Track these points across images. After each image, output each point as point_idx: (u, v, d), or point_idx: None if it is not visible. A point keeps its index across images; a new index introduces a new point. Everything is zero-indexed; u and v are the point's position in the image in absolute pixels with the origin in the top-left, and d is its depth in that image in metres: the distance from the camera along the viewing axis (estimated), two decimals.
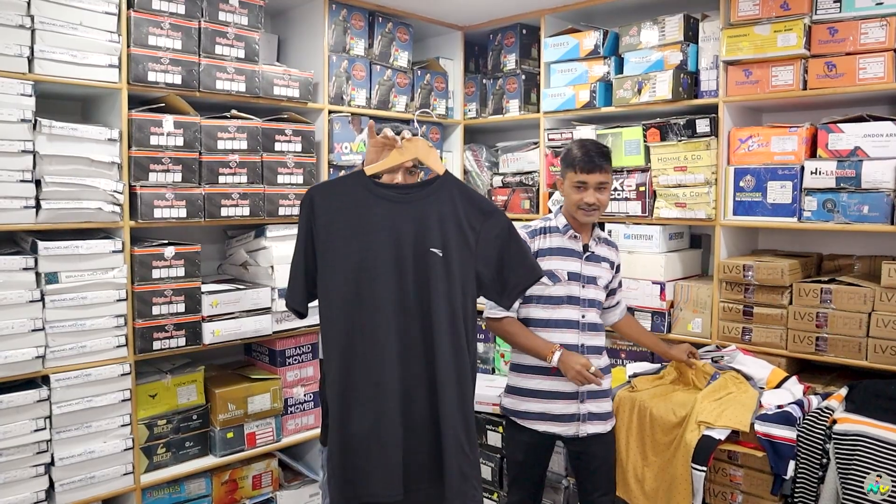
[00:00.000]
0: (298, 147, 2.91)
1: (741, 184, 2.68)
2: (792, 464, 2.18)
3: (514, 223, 1.93)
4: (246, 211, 2.75)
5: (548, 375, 2.24)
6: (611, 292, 2.43)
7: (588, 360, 2.16)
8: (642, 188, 2.94)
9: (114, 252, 2.41)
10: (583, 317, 2.27)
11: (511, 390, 2.34)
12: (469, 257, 1.83)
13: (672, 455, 2.31)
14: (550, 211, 2.44)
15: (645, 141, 2.93)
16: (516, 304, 2.25)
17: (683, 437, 2.28)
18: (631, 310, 2.94)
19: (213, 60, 2.64)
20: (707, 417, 2.27)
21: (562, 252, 2.27)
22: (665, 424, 2.35)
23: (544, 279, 2.18)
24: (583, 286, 2.27)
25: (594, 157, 2.21)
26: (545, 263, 2.22)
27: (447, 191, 1.83)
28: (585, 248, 2.30)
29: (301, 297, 1.86)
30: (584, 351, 2.25)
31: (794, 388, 2.43)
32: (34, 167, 2.24)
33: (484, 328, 2.46)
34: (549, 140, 3.29)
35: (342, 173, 2.65)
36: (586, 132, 3.14)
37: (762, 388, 2.47)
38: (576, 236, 2.29)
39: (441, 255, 1.79)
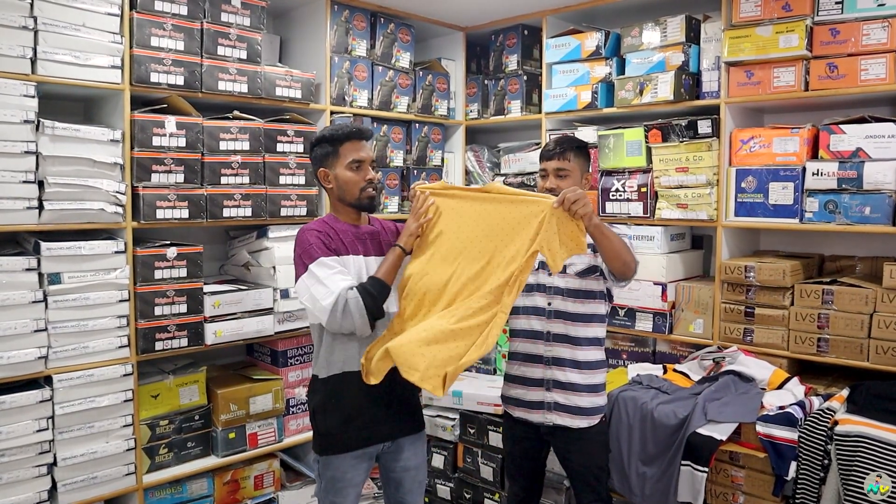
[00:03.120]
0: (300, 148, 2.91)
1: (743, 185, 2.68)
2: (793, 465, 2.18)
3: None
4: (248, 212, 2.76)
5: (520, 361, 2.29)
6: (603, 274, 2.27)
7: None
8: (644, 189, 2.94)
9: (116, 253, 2.42)
10: (549, 304, 2.26)
11: (504, 378, 2.39)
12: None
13: None
14: None
15: (646, 142, 2.93)
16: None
17: None
18: (632, 311, 2.95)
19: (216, 61, 2.65)
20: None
21: None
22: None
23: None
24: (549, 273, 2.27)
25: (549, 145, 2.29)
26: None
27: None
28: None
29: None
30: (550, 339, 2.24)
31: (796, 389, 2.43)
32: (37, 168, 2.25)
33: None
34: None
35: None
36: (588, 133, 3.14)
37: (763, 388, 2.47)
38: None
39: None
